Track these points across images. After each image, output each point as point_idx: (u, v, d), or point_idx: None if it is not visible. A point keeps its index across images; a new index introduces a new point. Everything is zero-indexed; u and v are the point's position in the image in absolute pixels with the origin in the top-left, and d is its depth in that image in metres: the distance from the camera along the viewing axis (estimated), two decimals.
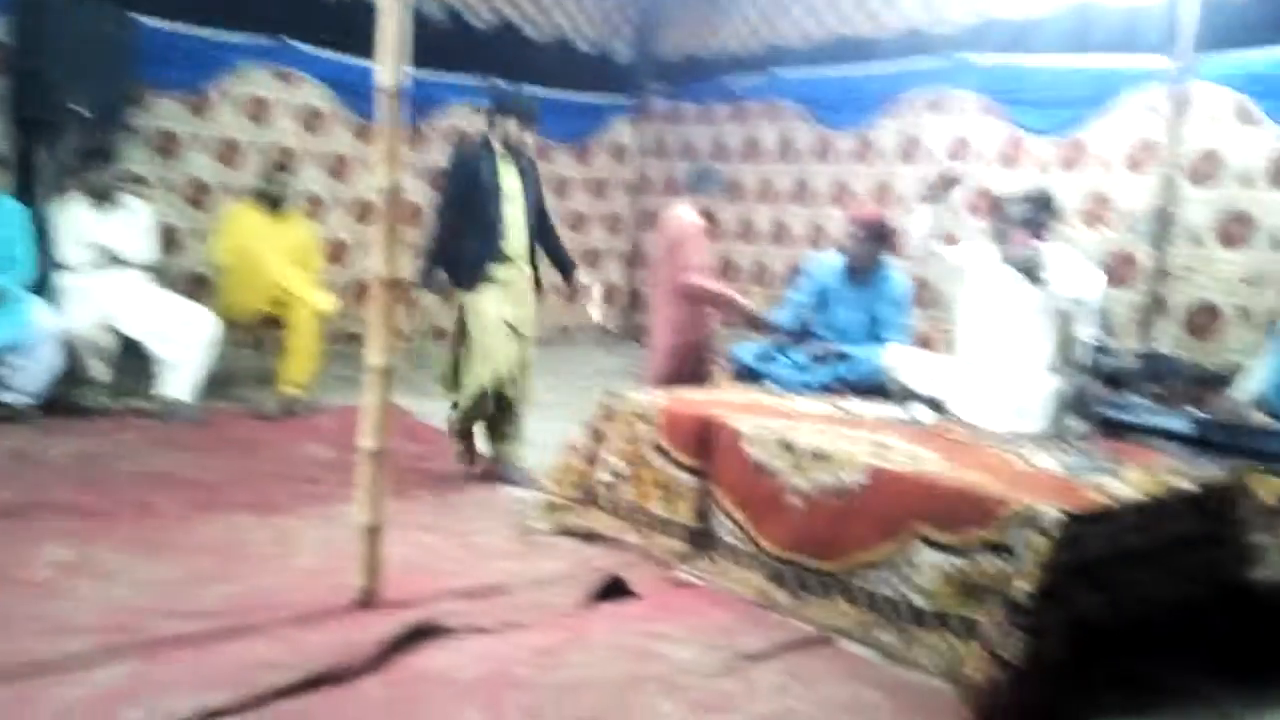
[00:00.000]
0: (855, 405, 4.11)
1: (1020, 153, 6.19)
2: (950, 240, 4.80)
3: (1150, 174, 5.54)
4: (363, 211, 7.58)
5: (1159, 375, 4.35)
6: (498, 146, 4.49)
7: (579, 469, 4.06)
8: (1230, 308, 5.25)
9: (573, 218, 8.71)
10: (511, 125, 4.46)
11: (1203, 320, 5.33)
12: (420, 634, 2.91)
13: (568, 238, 8.62)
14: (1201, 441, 3.53)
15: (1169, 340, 5.35)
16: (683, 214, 5.00)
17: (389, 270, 2.99)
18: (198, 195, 6.85)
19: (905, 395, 4.00)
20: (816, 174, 7.47)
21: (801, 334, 4.65)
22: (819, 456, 3.32)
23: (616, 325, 8.95)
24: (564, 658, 2.88)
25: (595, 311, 5.81)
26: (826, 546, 3.26)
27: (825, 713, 2.65)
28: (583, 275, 4.99)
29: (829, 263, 4.76)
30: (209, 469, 4.50)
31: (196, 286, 6.35)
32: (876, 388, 4.23)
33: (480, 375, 4.50)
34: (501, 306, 4.50)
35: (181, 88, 6.70)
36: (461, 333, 4.57)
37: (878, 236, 4.59)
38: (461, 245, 4.50)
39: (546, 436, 5.41)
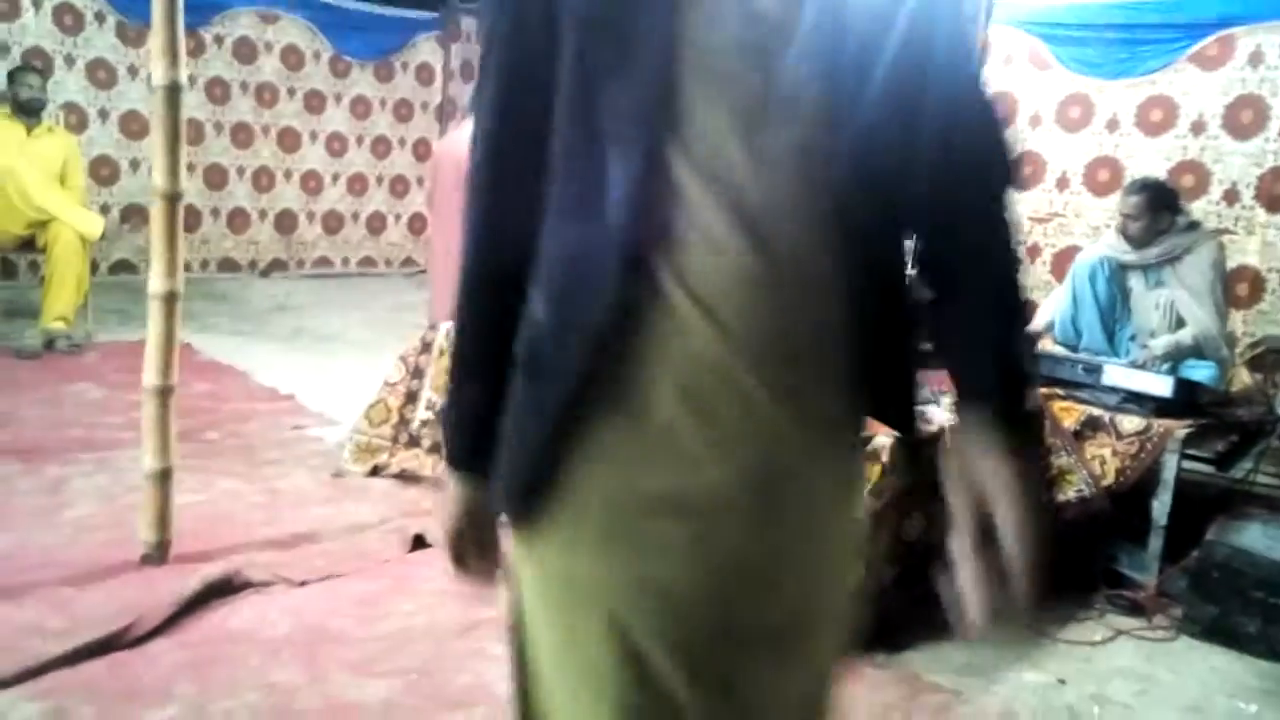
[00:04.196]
0: None
1: None
2: None
3: None
4: (131, 126, 6.82)
5: None
6: None
7: (395, 407, 3.81)
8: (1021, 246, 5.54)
9: (376, 142, 8.21)
10: None
11: None
12: (220, 590, 2.63)
13: (369, 163, 8.24)
14: None
15: None
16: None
17: (169, 184, 2.62)
18: None
19: None
20: None
21: None
22: None
23: (424, 258, 8.56)
24: (387, 607, 2.68)
25: None
26: None
27: None
28: None
29: None
30: None
31: None
32: None
33: None
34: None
35: None
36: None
37: None
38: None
39: (357, 373, 5.11)
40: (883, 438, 2.76)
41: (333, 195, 8.08)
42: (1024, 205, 5.52)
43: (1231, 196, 4.89)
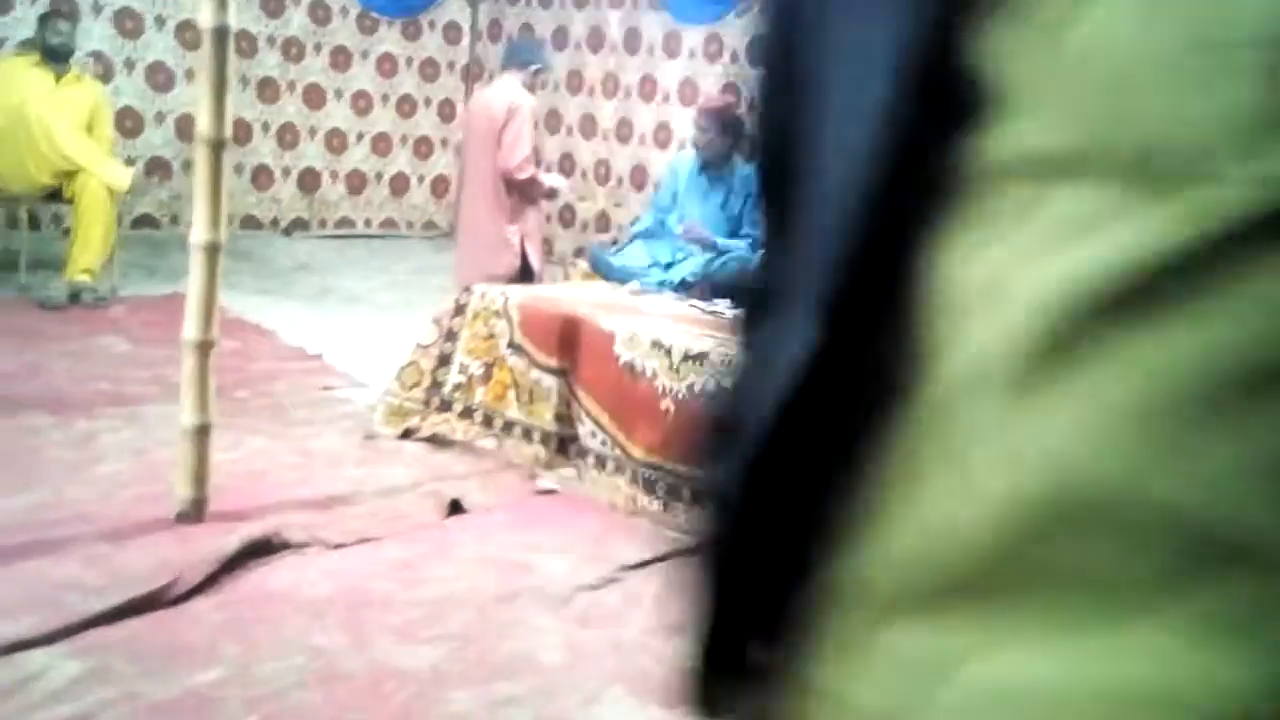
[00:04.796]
0: (720, 306, 3.97)
1: None
2: None
3: None
4: (157, 77, 6.73)
5: None
6: None
7: (427, 370, 3.75)
8: None
9: (401, 102, 8.11)
10: None
11: None
12: (258, 550, 2.58)
13: (394, 122, 8.14)
14: None
15: None
16: (508, 90, 4.42)
17: (215, 130, 2.55)
18: None
19: None
20: (665, 70, 7.20)
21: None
22: (695, 358, 3.16)
23: (447, 221, 8.48)
24: (426, 572, 2.63)
25: None
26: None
27: None
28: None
29: (682, 160, 4.55)
30: None
31: None
32: (741, 289, 4.10)
33: None
34: None
35: None
36: None
37: (728, 127, 4.39)
38: None
39: (383, 335, 5.05)
40: None
41: (357, 154, 7.98)
42: None
43: None
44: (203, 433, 2.70)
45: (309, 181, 7.77)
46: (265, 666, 2.11)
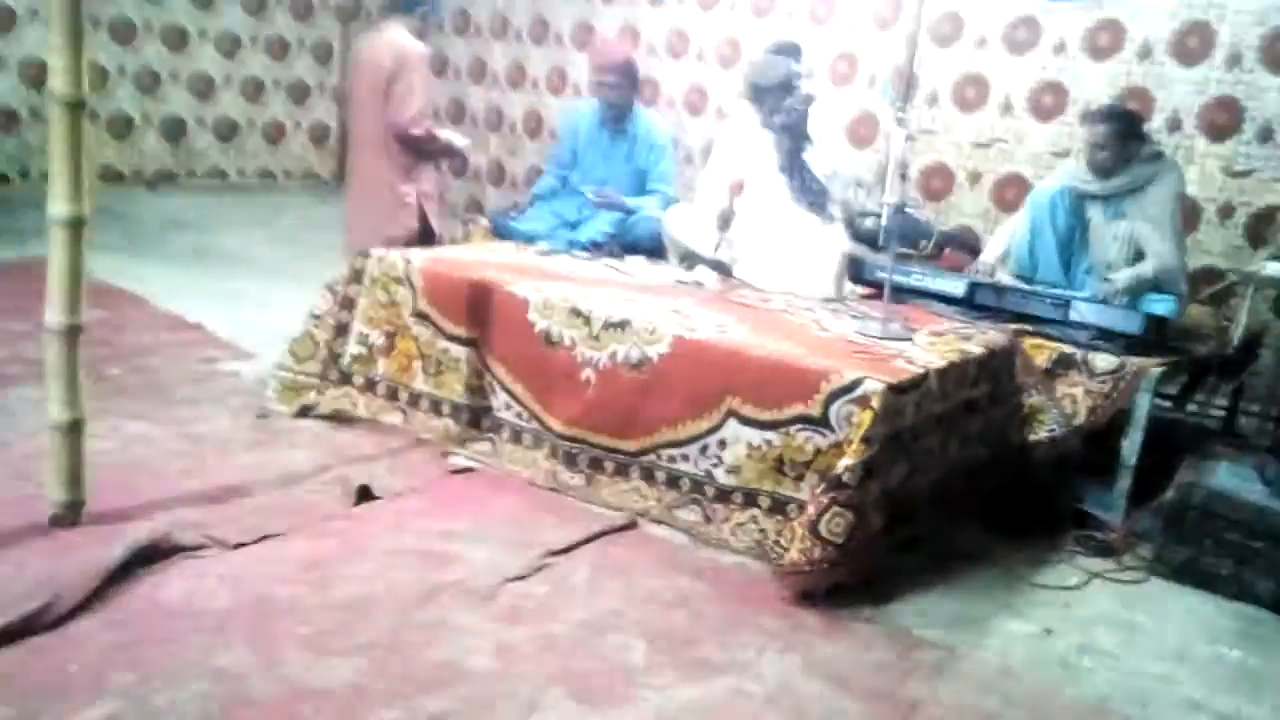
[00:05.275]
0: (633, 266, 3.81)
1: (771, 4, 5.98)
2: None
3: (896, 33, 5.54)
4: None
5: (906, 235, 4.39)
6: None
7: (323, 341, 3.48)
8: (962, 171, 5.44)
9: (273, 44, 7.57)
10: None
11: (938, 184, 5.49)
12: (146, 557, 2.33)
13: (266, 66, 7.59)
14: (970, 303, 3.58)
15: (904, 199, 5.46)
16: (396, 38, 4.04)
17: (71, 86, 2.24)
18: None
19: (687, 257, 3.74)
20: (559, 12, 6.88)
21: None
22: (616, 326, 3.00)
23: (329, 171, 8.02)
24: (337, 571, 2.42)
25: None
26: (624, 424, 2.98)
27: (645, 609, 2.41)
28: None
29: (582, 112, 4.32)
30: None
31: None
32: (650, 245, 3.94)
33: None
34: None
35: None
36: None
37: (628, 80, 4.19)
38: None
39: (267, 299, 4.72)
40: (873, 382, 2.61)
41: (226, 100, 7.44)
42: (966, 130, 5.41)
43: (1174, 124, 4.84)
44: (74, 428, 2.41)
45: (174, 130, 7.22)
46: (163, 696, 1.88)
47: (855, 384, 2.62)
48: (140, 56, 6.92)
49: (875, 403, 2.57)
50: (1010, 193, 5.27)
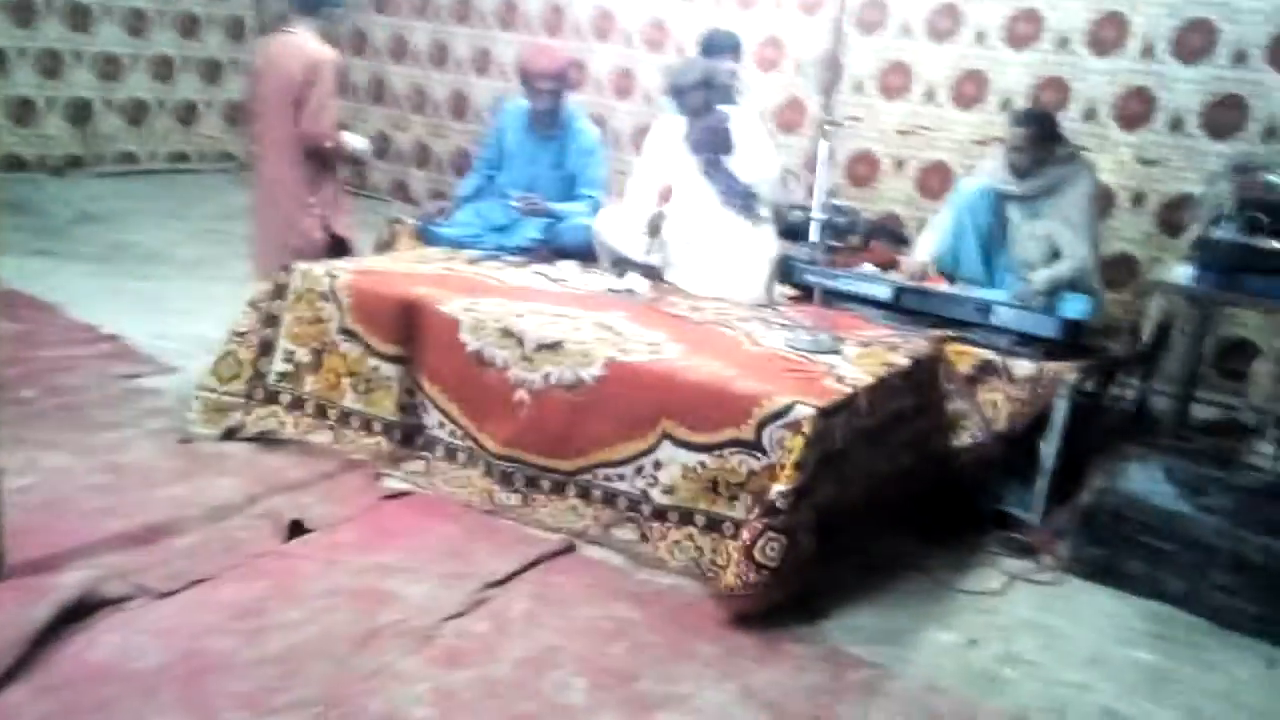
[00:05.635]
0: (563, 272, 3.79)
1: None
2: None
3: (821, 19, 5.55)
4: None
5: (834, 226, 4.44)
6: None
7: (247, 360, 3.41)
8: (887, 158, 5.50)
9: (183, 20, 7.29)
10: None
11: (863, 170, 5.55)
12: (72, 614, 2.27)
13: (176, 44, 7.31)
14: (896, 307, 3.64)
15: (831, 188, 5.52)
16: (305, 44, 3.86)
17: None
18: None
19: (619, 262, 3.74)
20: None
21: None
22: (549, 347, 2.99)
23: (244, 152, 7.79)
24: (271, 617, 2.40)
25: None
26: (559, 444, 2.99)
27: (584, 642, 2.44)
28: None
29: (510, 112, 4.24)
30: None
31: None
32: (581, 250, 3.92)
33: None
34: None
35: None
36: None
37: (564, 86, 4.12)
38: None
39: (189, 303, 4.59)
40: (803, 408, 2.65)
41: (134, 81, 7.17)
42: (890, 118, 5.46)
43: (1089, 114, 4.96)
44: None
45: (80, 113, 6.94)
46: None
47: (786, 409, 2.66)
48: (41, 37, 6.62)
49: (806, 428, 2.62)
50: (934, 180, 5.36)
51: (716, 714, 2.24)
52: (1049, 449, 3.23)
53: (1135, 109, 4.85)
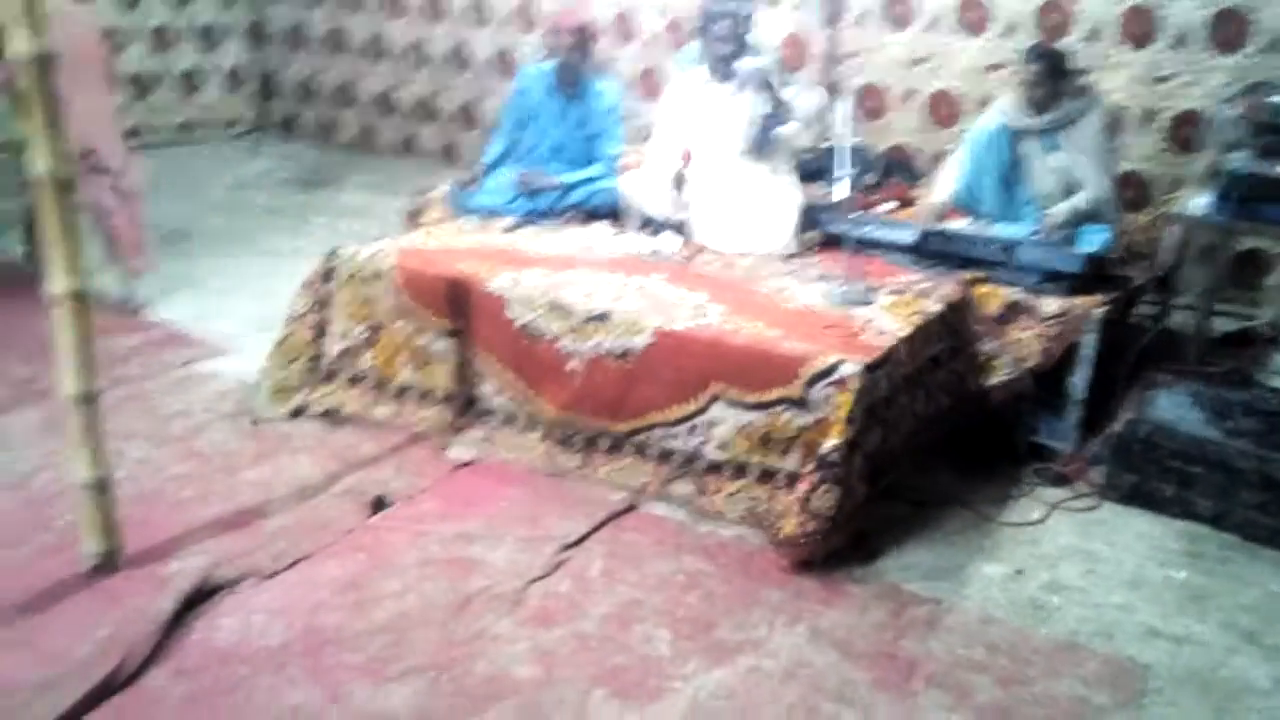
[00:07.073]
0: (594, 235, 3.90)
1: None
2: None
3: None
4: None
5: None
6: None
7: (306, 340, 3.55)
8: (897, 91, 5.55)
9: None
10: None
11: (873, 103, 5.60)
12: (193, 600, 2.46)
13: (174, 10, 7.28)
14: (920, 250, 3.76)
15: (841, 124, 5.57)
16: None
17: (55, 165, 2.24)
18: None
19: (648, 224, 3.85)
20: None
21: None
22: (597, 318, 3.13)
23: (249, 119, 7.81)
24: (372, 589, 2.59)
25: None
26: (613, 408, 3.14)
27: (661, 595, 2.63)
28: None
29: (534, 75, 4.31)
30: None
31: None
32: (613, 211, 4.03)
33: None
34: None
35: None
36: None
37: (584, 43, 4.19)
38: None
39: (229, 281, 4.71)
40: (849, 365, 2.80)
41: (134, 55, 7.16)
42: (897, 48, 5.50)
43: (1093, 35, 5.00)
44: (102, 486, 2.50)
45: None
46: None
47: (832, 368, 2.81)
48: None
49: (852, 384, 2.77)
50: (944, 109, 5.42)
51: (790, 657, 2.43)
52: (1079, 382, 3.38)
53: (1140, 28, 4.89)
